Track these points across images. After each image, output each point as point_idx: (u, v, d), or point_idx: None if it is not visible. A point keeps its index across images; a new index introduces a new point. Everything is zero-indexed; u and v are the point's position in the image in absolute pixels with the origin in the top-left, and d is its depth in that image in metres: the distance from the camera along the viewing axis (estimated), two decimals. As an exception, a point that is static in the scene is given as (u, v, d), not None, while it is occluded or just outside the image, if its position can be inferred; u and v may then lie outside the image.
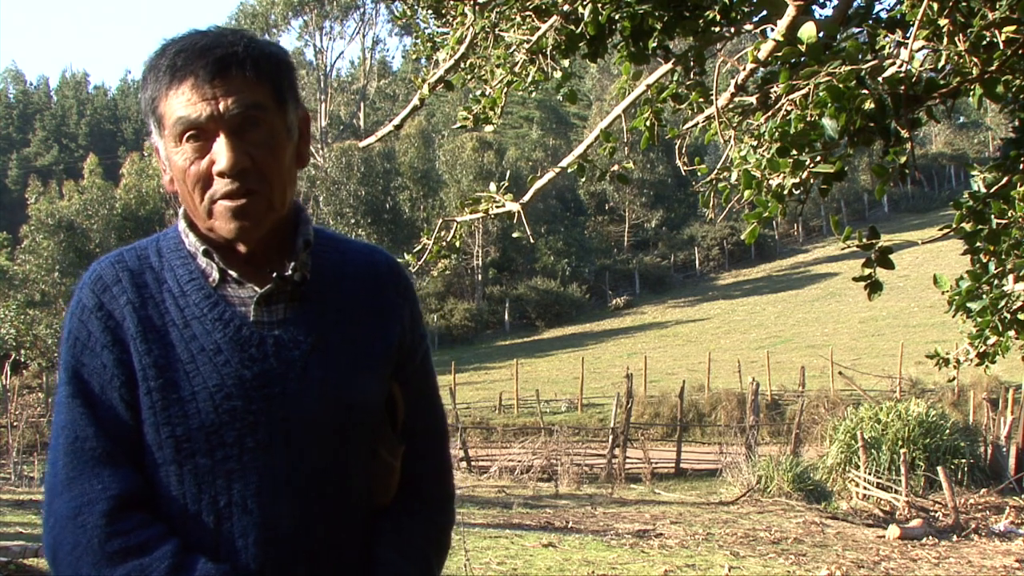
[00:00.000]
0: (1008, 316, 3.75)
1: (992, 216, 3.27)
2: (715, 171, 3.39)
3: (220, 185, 1.30)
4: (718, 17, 3.36)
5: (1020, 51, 2.55)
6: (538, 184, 3.95)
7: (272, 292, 1.36)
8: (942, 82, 2.66)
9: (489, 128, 4.03)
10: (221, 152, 1.28)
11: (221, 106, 1.27)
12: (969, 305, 3.78)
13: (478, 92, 3.97)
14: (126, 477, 1.30)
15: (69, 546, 1.28)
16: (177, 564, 1.27)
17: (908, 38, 2.65)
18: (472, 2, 3.79)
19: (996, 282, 3.73)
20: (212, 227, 1.33)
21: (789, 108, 2.66)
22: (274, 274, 1.36)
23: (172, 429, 1.30)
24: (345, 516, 1.38)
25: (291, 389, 1.33)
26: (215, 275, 1.36)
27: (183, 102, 1.28)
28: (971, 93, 2.76)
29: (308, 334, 1.36)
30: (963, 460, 13.44)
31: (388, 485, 1.46)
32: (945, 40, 2.64)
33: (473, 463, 16.94)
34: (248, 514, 1.31)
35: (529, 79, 3.75)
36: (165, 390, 1.30)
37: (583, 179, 4.27)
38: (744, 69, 3.18)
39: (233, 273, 1.36)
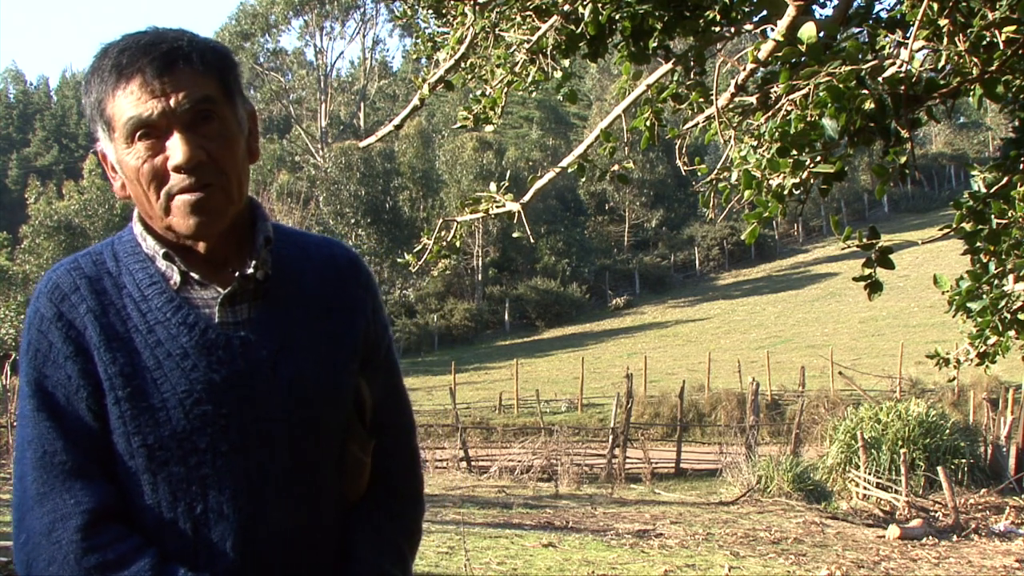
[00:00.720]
0: (1008, 316, 3.75)
1: (992, 216, 3.27)
2: (715, 171, 3.39)
3: (176, 180, 1.28)
4: (718, 17, 3.36)
5: (1020, 51, 2.55)
6: (538, 184, 3.95)
7: (236, 292, 1.34)
8: (942, 82, 2.66)
9: (489, 128, 4.03)
10: (175, 147, 1.26)
11: (172, 102, 1.26)
12: (969, 305, 3.78)
13: (478, 92, 3.97)
14: (99, 490, 1.28)
15: (44, 563, 1.25)
16: None
17: (908, 38, 2.65)
18: (472, 2, 3.79)
19: (996, 282, 3.73)
20: (170, 225, 1.31)
21: (789, 108, 2.66)
22: (236, 273, 1.34)
23: (143, 438, 1.28)
24: (320, 515, 1.38)
25: (261, 390, 1.32)
26: (176, 278, 1.34)
27: (132, 101, 1.26)
28: (971, 93, 2.76)
29: (275, 333, 1.35)
30: (963, 460, 13.44)
31: (359, 480, 1.46)
32: (945, 40, 2.64)
33: (473, 463, 16.93)
34: (225, 519, 1.30)
35: (529, 79, 3.75)
36: (134, 399, 1.28)
37: (583, 179, 4.27)
38: (744, 69, 3.18)
39: (195, 275, 1.34)
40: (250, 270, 1.35)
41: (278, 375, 1.33)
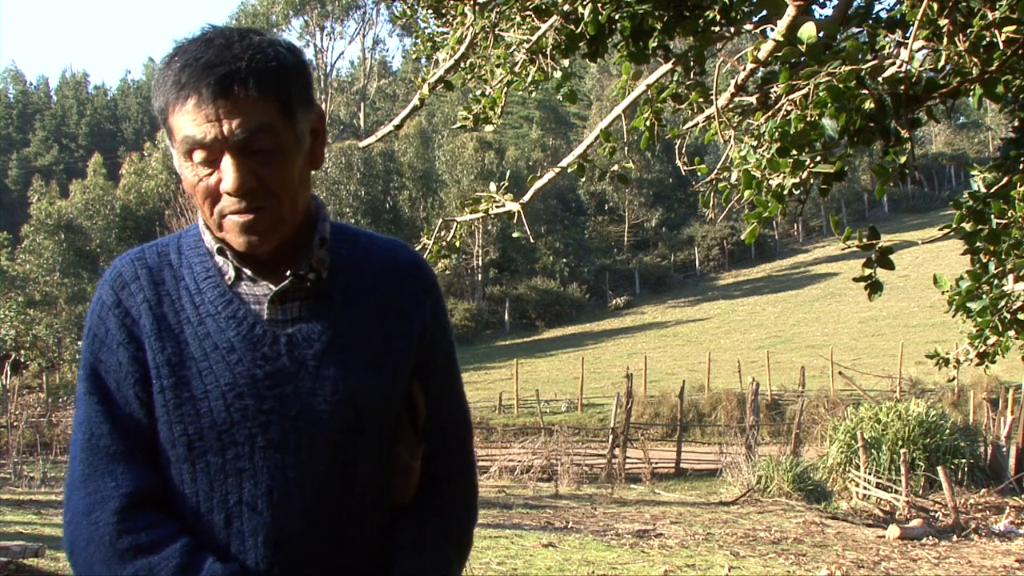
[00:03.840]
0: (1008, 316, 3.75)
1: (992, 216, 3.27)
2: (715, 171, 3.39)
3: (228, 202, 1.29)
4: (718, 17, 3.35)
5: (1020, 51, 2.55)
6: (538, 184, 3.95)
7: (286, 290, 1.35)
8: (942, 82, 2.66)
9: (489, 128, 4.03)
10: (227, 172, 1.27)
11: (225, 128, 1.25)
12: (969, 305, 3.78)
13: (478, 92, 3.97)
14: (140, 475, 1.32)
15: (83, 542, 1.29)
16: (185, 563, 1.28)
17: (908, 38, 2.65)
18: (472, 2, 3.79)
19: (996, 282, 3.73)
20: (224, 238, 1.34)
21: (789, 108, 2.66)
22: (288, 272, 1.35)
23: (184, 427, 1.31)
24: (356, 516, 1.37)
25: (303, 388, 1.33)
26: (231, 273, 1.36)
27: (188, 121, 1.26)
28: (971, 93, 2.76)
29: (322, 332, 1.35)
30: (963, 460, 13.44)
31: (407, 484, 1.44)
32: (945, 40, 2.64)
33: (473, 463, 16.91)
34: (258, 514, 1.31)
35: (529, 79, 3.75)
36: (178, 388, 1.31)
37: (583, 179, 4.27)
38: (744, 69, 3.18)
39: (248, 271, 1.36)
40: (302, 271, 1.35)
41: (322, 374, 1.33)
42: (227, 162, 1.26)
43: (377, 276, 1.42)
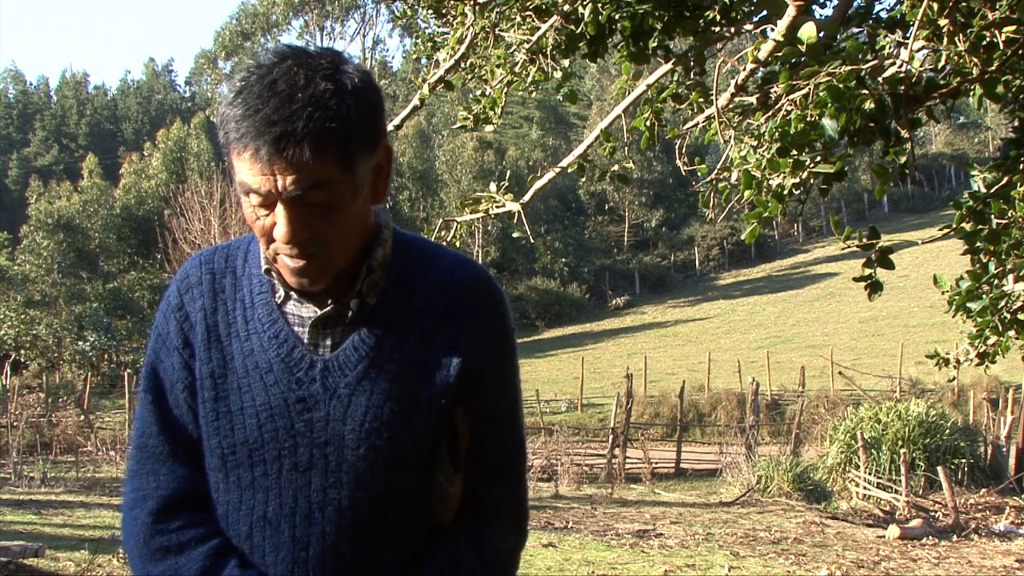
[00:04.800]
0: (1008, 316, 3.75)
1: (992, 216, 3.27)
2: (715, 171, 3.39)
3: (280, 247, 1.29)
4: (718, 17, 3.35)
5: (1020, 51, 2.55)
6: (538, 184, 3.95)
7: (329, 315, 1.36)
8: (942, 82, 2.66)
9: (489, 128, 4.03)
10: (280, 222, 1.27)
11: (280, 183, 1.24)
12: (969, 305, 3.78)
13: (478, 92, 3.97)
14: (181, 477, 1.38)
15: (127, 535, 1.40)
16: (208, 567, 1.34)
17: (908, 38, 2.65)
18: (472, 2, 3.79)
19: (996, 282, 3.73)
20: (276, 270, 1.35)
21: (789, 108, 2.66)
22: (330, 300, 1.35)
23: (220, 440, 1.36)
24: (383, 540, 1.37)
25: (334, 415, 1.34)
26: (281, 291, 1.38)
27: (245, 168, 1.26)
28: (971, 93, 2.76)
29: (359, 361, 1.35)
30: (963, 460, 13.44)
31: (444, 509, 1.43)
32: (945, 40, 2.64)
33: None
34: (279, 532, 1.34)
35: (529, 79, 3.75)
36: (217, 401, 1.36)
37: (583, 179, 4.27)
38: (744, 69, 3.18)
39: (294, 293, 1.37)
40: (345, 300, 1.36)
41: (353, 403, 1.34)
42: (280, 212, 1.26)
43: (428, 300, 1.39)
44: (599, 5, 3.35)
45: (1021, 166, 3.28)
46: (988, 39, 2.58)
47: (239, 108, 1.25)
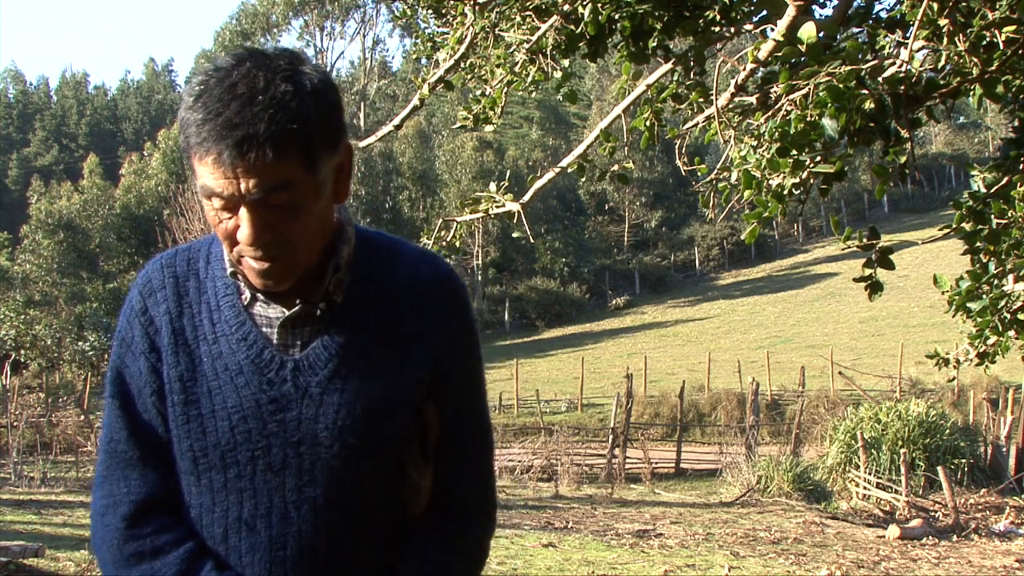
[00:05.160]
0: (1008, 316, 3.75)
1: (992, 216, 3.27)
2: (715, 171, 3.39)
3: (244, 249, 1.29)
4: (718, 17, 3.35)
5: (1020, 51, 2.55)
6: (538, 184, 3.95)
7: (297, 315, 1.36)
8: (942, 82, 2.66)
9: (489, 128, 4.03)
10: (243, 224, 1.27)
11: (242, 187, 1.24)
12: (969, 305, 3.78)
13: (478, 92, 3.97)
14: (152, 481, 1.38)
15: (99, 541, 1.38)
16: (184, 571, 1.33)
17: (908, 38, 2.65)
18: (472, 2, 3.79)
19: (996, 282, 3.73)
20: (241, 272, 1.35)
21: (789, 108, 2.66)
22: (298, 301, 1.36)
23: (191, 443, 1.35)
24: (357, 537, 1.38)
25: (306, 414, 1.34)
26: (247, 293, 1.38)
27: (207, 172, 1.25)
28: (971, 93, 2.76)
29: (329, 359, 1.36)
30: (963, 460, 13.44)
31: (415, 502, 1.45)
32: (945, 40, 2.64)
33: (473, 463, 16.91)
34: (255, 533, 1.35)
35: (529, 79, 3.75)
36: (187, 405, 1.35)
37: (583, 179, 4.27)
38: (744, 69, 3.18)
39: (261, 294, 1.37)
40: (313, 300, 1.36)
41: (325, 402, 1.35)
42: (244, 215, 1.26)
43: (395, 297, 1.40)
44: (599, 5, 3.35)
45: (1021, 166, 3.28)
46: (988, 39, 2.58)
47: (199, 112, 1.25)
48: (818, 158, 2.69)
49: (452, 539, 1.44)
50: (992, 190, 3.26)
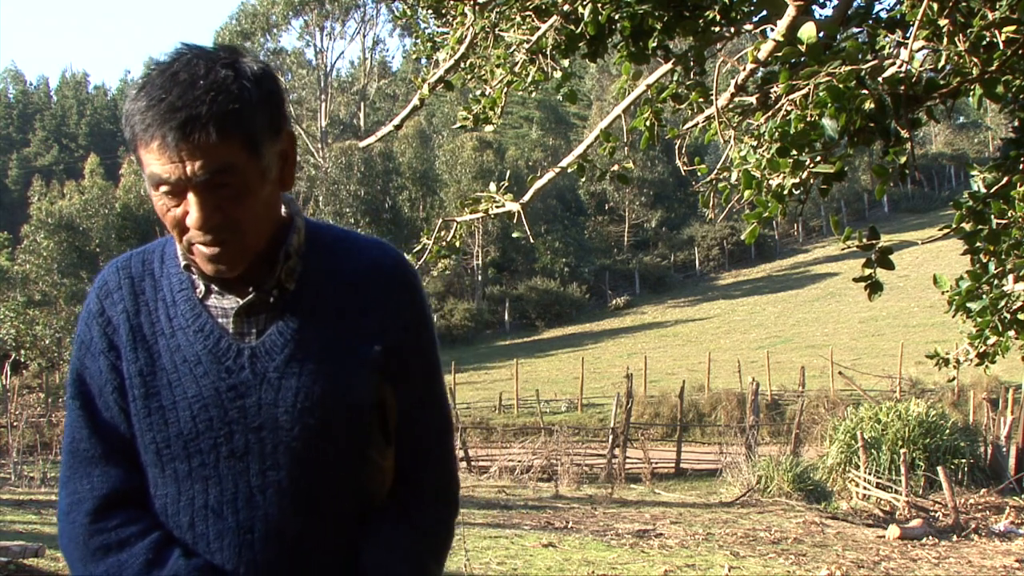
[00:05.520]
0: (1008, 316, 3.75)
1: (992, 216, 3.27)
2: (715, 171, 3.39)
3: (194, 234, 1.32)
4: (718, 17, 3.35)
5: (1020, 51, 2.55)
6: (538, 184, 3.95)
7: (252, 304, 1.39)
8: (942, 82, 2.66)
9: (489, 128, 4.03)
10: (192, 209, 1.30)
11: (188, 170, 1.27)
12: (969, 305, 3.78)
13: (478, 92, 3.97)
14: (114, 476, 1.39)
15: (65, 539, 1.40)
16: (152, 559, 1.35)
17: (908, 38, 2.65)
18: (472, 2, 3.79)
19: (996, 282, 3.73)
20: (193, 262, 1.38)
21: (789, 108, 2.66)
22: (251, 289, 1.39)
23: (154, 435, 1.37)
24: (323, 519, 1.40)
25: (265, 399, 1.37)
26: (201, 287, 1.41)
27: (153, 159, 1.29)
28: (971, 93, 2.76)
29: (285, 345, 1.39)
30: (963, 460, 13.43)
31: (379, 484, 1.48)
32: (945, 40, 2.64)
33: (473, 463, 16.93)
34: (223, 519, 1.36)
35: (529, 79, 3.75)
36: (148, 398, 1.38)
37: (583, 179, 4.27)
38: (744, 69, 3.18)
39: (215, 285, 1.40)
40: (266, 287, 1.40)
41: (284, 386, 1.37)
42: (191, 199, 1.30)
43: (347, 283, 1.44)
44: (599, 5, 3.35)
45: (1021, 166, 3.28)
46: (988, 39, 2.58)
47: (142, 101, 1.29)
48: (818, 158, 2.70)
49: (415, 519, 1.47)
50: (992, 190, 3.26)
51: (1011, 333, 3.86)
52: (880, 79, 2.60)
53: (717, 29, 3.41)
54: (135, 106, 1.31)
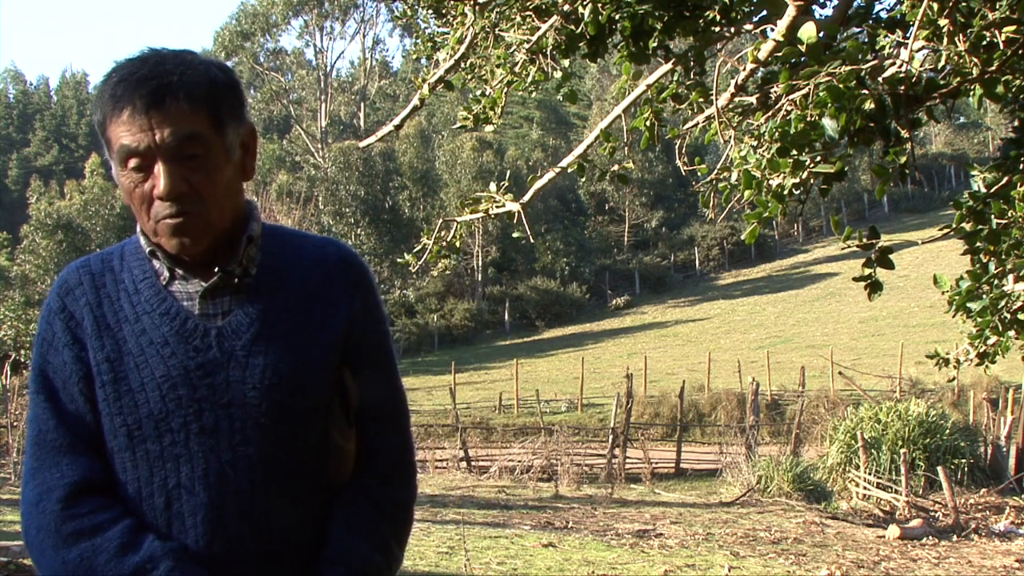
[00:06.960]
0: (1008, 316, 3.75)
1: (992, 216, 3.27)
2: (715, 171, 3.39)
3: (160, 207, 1.38)
4: (718, 17, 3.36)
5: (1020, 51, 2.55)
6: (538, 184, 3.95)
7: (216, 286, 1.45)
8: (942, 82, 2.66)
9: (489, 128, 4.03)
10: (160, 177, 1.37)
11: (157, 137, 1.35)
12: (969, 305, 3.78)
13: (478, 92, 3.97)
14: (84, 465, 1.42)
15: (34, 530, 1.41)
16: (126, 543, 1.37)
17: (908, 38, 2.65)
18: (472, 2, 3.79)
19: (996, 282, 3.73)
20: (158, 243, 1.44)
21: (789, 108, 2.66)
22: (216, 270, 1.45)
23: (124, 418, 1.41)
24: (291, 495, 1.45)
25: (233, 377, 1.42)
26: (165, 273, 1.46)
27: (123, 131, 1.36)
28: (971, 93, 2.76)
29: (251, 324, 1.45)
30: (963, 460, 13.43)
31: (342, 466, 1.52)
32: (945, 40, 2.64)
33: (473, 463, 16.92)
34: (195, 496, 1.40)
35: (529, 79, 3.75)
36: (117, 382, 1.41)
37: (583, 179, 4.27)
38: (744, 69, 3.18)
39: (180, 271, 1.46)
40: (230, 268, 1.46)
41: (251, 363, 1.43)
42: (159, 168, 1.37)
43: (306, 271, 1.51)
44: (599, 5, 3.36)
45: (1021, 166, 3.28)
46: (988, 39, 2.58)
47: (114, 78, 1.38)
48: (818, 158, 2.70)
49: (378, 502, 1.52)
50: (992, 190, 3.26)
51: (1011, 333, 3.86)
52: (880, 79, 2.60)
53: (717, 29, 3.41)
54: (106, 86, 1.38)
